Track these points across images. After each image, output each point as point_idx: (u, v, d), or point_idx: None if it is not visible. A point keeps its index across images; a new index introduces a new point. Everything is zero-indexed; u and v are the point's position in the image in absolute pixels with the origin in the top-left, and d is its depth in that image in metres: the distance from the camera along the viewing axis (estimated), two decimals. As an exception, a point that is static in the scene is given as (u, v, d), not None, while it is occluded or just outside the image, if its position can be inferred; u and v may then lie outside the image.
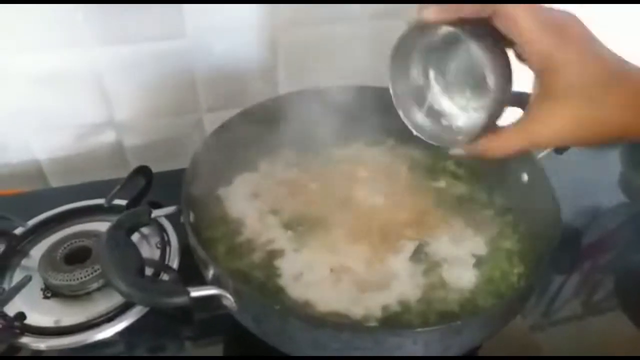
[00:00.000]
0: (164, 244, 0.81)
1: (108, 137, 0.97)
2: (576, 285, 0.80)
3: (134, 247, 0.56)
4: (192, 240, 0.59)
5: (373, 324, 0.59)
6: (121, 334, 0.70)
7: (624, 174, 1.03)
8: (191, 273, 0.61)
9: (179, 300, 0.51)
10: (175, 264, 0.78)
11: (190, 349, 0.71)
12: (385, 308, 0.61)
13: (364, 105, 0.83)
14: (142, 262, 0.54)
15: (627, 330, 0.75)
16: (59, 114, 0.91)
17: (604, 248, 0.88)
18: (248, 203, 0.75)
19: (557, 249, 0.58)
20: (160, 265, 0.76)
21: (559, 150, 0.72)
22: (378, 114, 0.83)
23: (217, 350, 0.71)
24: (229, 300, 0.54)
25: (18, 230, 0.82)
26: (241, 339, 0.71)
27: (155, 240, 0.82)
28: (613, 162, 1.06)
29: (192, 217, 0.63)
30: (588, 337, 0.74)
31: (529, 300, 0.60)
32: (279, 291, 0.63)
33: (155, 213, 0.62)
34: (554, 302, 0.78)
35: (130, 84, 0.91)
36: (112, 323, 0.71)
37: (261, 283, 0.64)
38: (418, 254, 0.68)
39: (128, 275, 0.52)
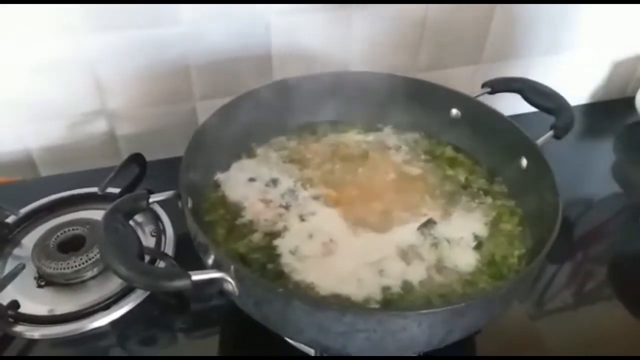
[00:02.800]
0: (159, 232, 0.80)
1: (100, 126, 0.95)
2: (569, 274, 0.80)
3: (132, 231, 0.55)
4: (191, 224, 0.58)
5: (375, 306, 0.59)
6: (116, 323, 0.70)
7: (618, 163, 1.03)
8: (188, 261, 0.60)
9: (181, 283, 0.50)
10: (171, 252, 0.77)
11: (185, 340, 0.70)
12: (386, 289, 0.61)
13: (360, 91, 0.83)
14: (141, 246, 0.53)
15: (619, 320, 0.76)
16: (50, 102, 0.90)
17: (597, 238, 0.88)
18: (246, 186, 0.75)
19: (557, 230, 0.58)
20: (157, 253, 0.75)
21: (558, 135, 0.72)
22: (375, 100, 0.83)
23: (213, 340, 0.70)
24: (230, 284, 0.53)
25: (10, 219, 0.80)
26: (237, 330, 0.71)
27: (150, 228, 0.81)
28: (607, 151, 1.07)
29: (190, 203, 0.62)
30: (581, 327, 0.74)
31: (530, 282, 0.60)
32: (280, 275, 0.62)
33: (153, 198, 0.61)
34: (547, 291, 0.77)
35: (123, 71, 0.90)
36: (106, 312, 0.70)
37: (262, 265, 0.63)
38: (428, 226, 0.69)
39: (128, 258, 0.51)
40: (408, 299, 0.60)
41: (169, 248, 0.78)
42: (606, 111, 1.19)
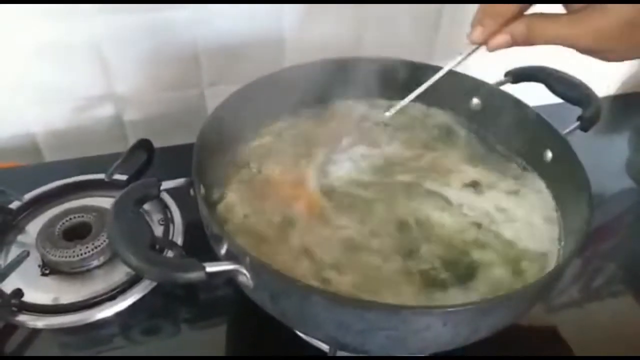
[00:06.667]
0: (167, 221, 0.78)
1: (107, 110, 0.93)
2: (579, 269, 0.79)
3: (144, 220, 0.52)
4: (204, 213, 0.56)
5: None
6: (122, 313, 0.68)
7: (632, 158, 1.01)
8: (197, 250, 0.58)
9: (195, 275, 0.48)
10: (179, 242, 0.75)
11: (194, 331, 0.69)
12: None
13: (372, 76, 0.80)
14: (153, 236, 0.51)
15: (630, 316, 0.75)
16: (55, 85, 0.88)
17: (608, 233, 0.86)
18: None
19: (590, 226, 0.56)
20: (165, 242, 0.73)
21: (584, 127, 0.70)
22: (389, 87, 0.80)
23: (223, 332, 0.69)
24: (244, 276, 0.51)
25: (14, 205, 0.78)
26: (247, 322, 0.69)
27: (157, 217, 0.78)
28: (621, 146, 1.06)
29: (202, 191, 0.59)
30: (591, 322, 0.73)
31: (560, 280, 0.58)
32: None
33: (164, 185, 0.59)
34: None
35: (130, 55, 0.88)
36: (113, 302, 0.68)
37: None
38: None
39: (139, 249, 0.48)
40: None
41: (177, 237, 0.75)
42: (622, 105, 1.17)
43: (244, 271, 0.51)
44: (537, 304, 0.68)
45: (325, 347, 0.64)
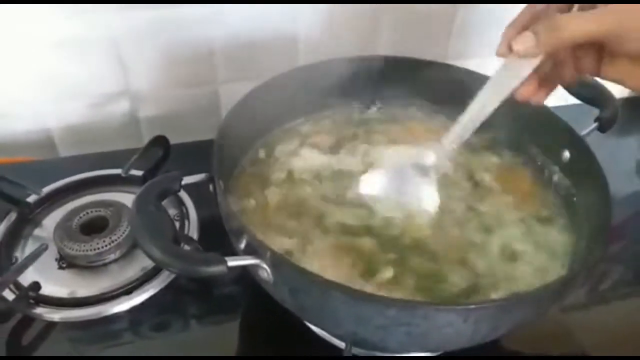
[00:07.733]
0: (183, 217, 0.78)
1: (122, 107, 0.94)
2: (589, 271, 0.77)
3: (166, 213, 0.52)
4: (225, 208, 0.56)
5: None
6: (138, 308, 0.68)
7: (643, 160, 1.00)
8: (212, 246, 0.58)
9: (216, 269, 0.48)
10: (195, 237, 0.75)
11: (208, 326, 0.69)
12: None
13: (386, 75, 0.81)
14: (175, 229, 0.51)
15: (637, 320, 0.74)
16: (72, 81, 0.88)
17: (617, 236, 0.86)
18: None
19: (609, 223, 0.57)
20: (182, 237, 0.73)
21: (602, 128, 0.70)
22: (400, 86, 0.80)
23: (235, 326, 0.69)
24: (265, 271, 0.51)
25: (31, 198, 0.79)
26: (259, 316, 0.69)
27: (173, 212, 0.79)
28: (632, 148, 1.06)
29: (222, 186, 0.60)
30: (597, 325, 0.73)
31: (579, 279, 0.58)
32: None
33: (184, 180, 0.59)
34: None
35: (147, 51, 0.88)
36: (128, 296, 0.68)
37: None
38: None
39: (162, 242, 0.49)
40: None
41: (192, 233, 0.76)
42: (633, 107, 1.16)
43: (265, 266, 0.51)
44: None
45: (339, 343, 0.64)
